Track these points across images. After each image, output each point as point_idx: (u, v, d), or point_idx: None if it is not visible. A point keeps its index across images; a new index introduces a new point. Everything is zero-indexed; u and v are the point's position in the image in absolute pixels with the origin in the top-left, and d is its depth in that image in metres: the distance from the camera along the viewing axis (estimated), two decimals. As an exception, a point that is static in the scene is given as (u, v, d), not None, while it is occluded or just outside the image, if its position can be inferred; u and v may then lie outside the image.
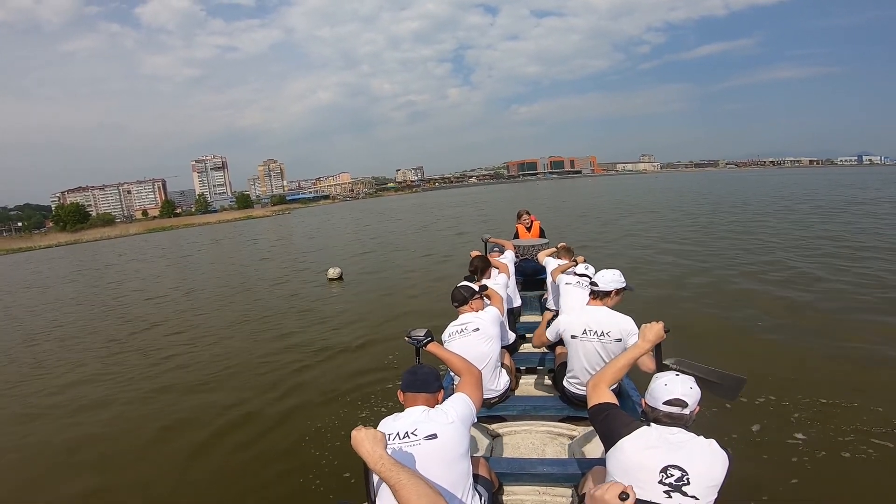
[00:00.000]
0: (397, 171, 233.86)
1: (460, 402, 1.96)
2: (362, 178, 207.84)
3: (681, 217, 21.01)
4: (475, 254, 4.47)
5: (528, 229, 6.76)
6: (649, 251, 12.75)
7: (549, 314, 3.51)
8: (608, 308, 3.02)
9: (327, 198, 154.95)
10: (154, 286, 15.88)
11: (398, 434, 1.79)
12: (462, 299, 3.26)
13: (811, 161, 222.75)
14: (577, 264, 4.26)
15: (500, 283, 4.03)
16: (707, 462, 1.60)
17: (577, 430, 3.14)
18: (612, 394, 1.96)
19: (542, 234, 6.79)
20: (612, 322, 2.92)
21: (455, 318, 3.25)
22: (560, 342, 3.83)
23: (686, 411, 1.72)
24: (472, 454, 1.99)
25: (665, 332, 2.16)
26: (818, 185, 41.05)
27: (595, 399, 1.93)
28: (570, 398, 3.17)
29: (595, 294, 3.09)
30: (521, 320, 5.01)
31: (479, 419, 3.26)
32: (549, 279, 4.57)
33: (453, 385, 3.19)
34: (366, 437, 1.50)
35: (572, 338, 3.02)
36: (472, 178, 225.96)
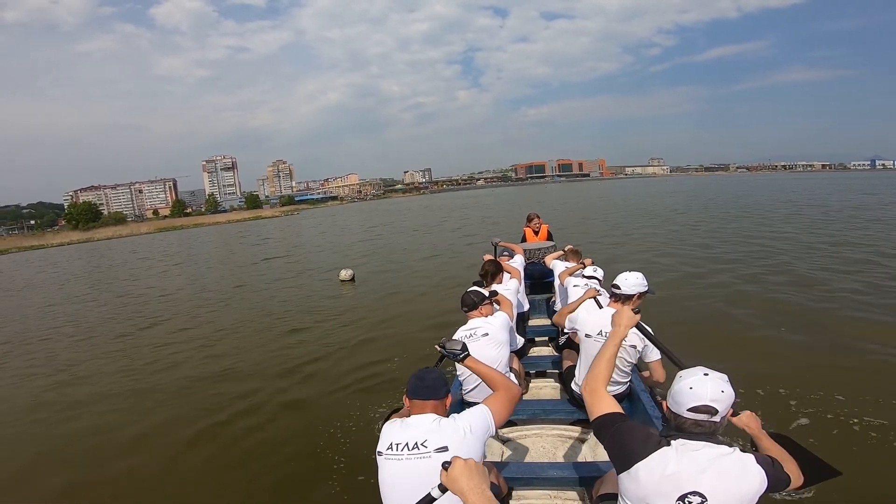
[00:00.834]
0: (405, 172, 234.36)
1: (479, 415, 1.85)
2: (370, 179, 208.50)
3: (695, 220, 20.83)
4: (487, 258, 4.47)
5: (535, 233, 6.78)
6: (649, 254, 12.79)
7: (578, 302, 3.45)
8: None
9: (335, 199, 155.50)
10: (169, 283, 16.07)
11: (407, 445, 1.73)
12: (472, 304, 3.26)
13: (823, 165, 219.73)
14: (585, 267, 4.27)
15: (511, 289, 4.03)
16: (735, 484, 1.43)
17: (588, 433, 3.11)
18: (614, 400, 1.76)
19: (549, 237, 6.80)
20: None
21: (464, 323, 3.24)
22: (567, 345, 3.85)
23: (716, 418, 1.49)
24: (482, 461, 1.91)
25: (635, 313, 2.09)
26: (829, 190, 40.44)
27: (598, 408, 1.70)
28: (579, 401, 3.15)
29: (617, 297, 3.02)
30: (530, 324, 5.00)
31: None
32: (557, 282, 4.58)
33: (460, 390, 3.21)
34: (477, 469, 1.20)
35: (586, 336, 2.97)
36: (479, 180, 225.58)
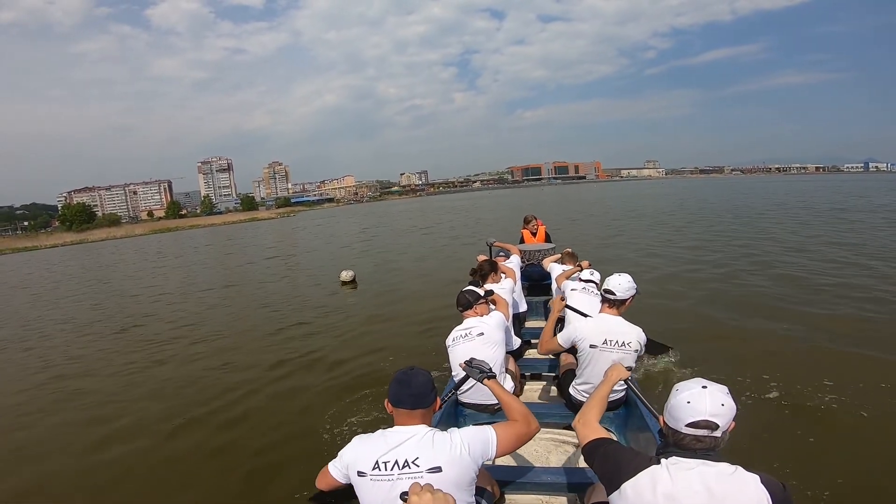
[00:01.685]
0: (401, 174, 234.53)
1: (481, 438, 1.73)
2: (366, 181, 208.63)
3: (685, 222, 20.93)
4: (482, 258, 4.43)
5: (533, 234, 6.76)
6: (639, 254, 12.88)
7: (551, 321, 3.44)
8: (622, 317, 2.97)
9: (331, 201, 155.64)
10: (169, 283, 15.85)
11: (397, 463, 1.60)
12: (467, 303, 3.21)
13: (817, 168, 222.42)
14: (582, 269, 4.24)
15: (507, 288, 3.98)
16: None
17: None
18: (602, 429, 1.74)
19: (547, 238, 6.78)
20: (631, 332, 2.88)
21: (460, 323, 3.20)
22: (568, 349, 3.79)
23: (717, 433, 1.39)
24: (473, 483, 1.79)
25: (627, 369, 2.28)
26: (821, 192, 40.76)
27: (587, 436, 1.69)
28: (575, 406, 3.10)
29: (612, 303, 2.98)
30: (527, 325, 4.94)
31: (481, 424, 3.19)
32: (554, 285, 4.54)
33: (454, 390, 3.13)
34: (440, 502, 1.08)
35: (591, 347, 2.93)
36: (475, 182, 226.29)
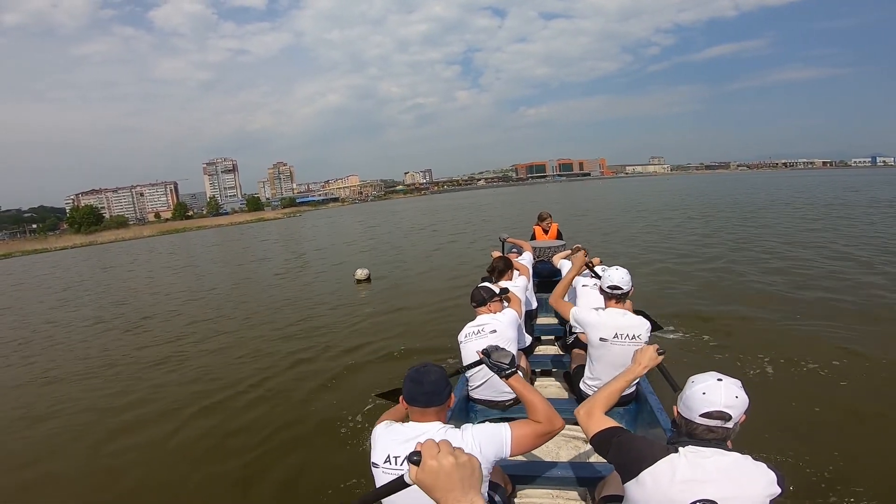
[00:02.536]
0: (405, 173, 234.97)
1: (495, 437, 1.67)
2: (371, 180, 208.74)
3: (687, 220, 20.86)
4: (496, 255, 4.42)
5: (545, 231, 6.75)
6: (635, 249, 13.12)
7: (570, 277, 3.43)
8: (629, 310, 3.01)
9: (336, 200, 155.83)
10: (192, 282, 15.97)
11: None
12: (481, 300, 3.22)
13: (824, 163, 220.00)
14: (593, 266, 4.26)
15: (520, 286, 4.00)
16: (747, 492, 1.39)
17: None
18: (609, 418, 1.72)
19: (559, 236, 6.77)
20: (639, 325, 2.90)
21: (472, 319, 3.21)
22: (575, 344, 3.84)
23: (729, 424, 1.44)
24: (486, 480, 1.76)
25: (659, 354, 1.99)
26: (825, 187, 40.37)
27: (593, 427, 1.68)
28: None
29: (619, 297, 3.01)
30: (537, 322, 4.98)
31: (492, 420, 3.23)
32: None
33: (466, 386, 3.16)
34: (461, 468, 0.85)
35: (601, 340, 2.93)
36: (480, 180, 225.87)
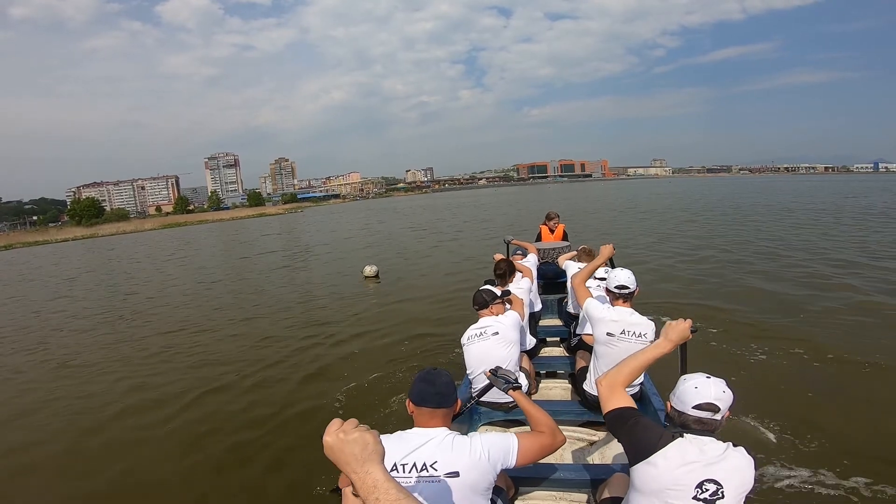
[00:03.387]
0: (407, 171, 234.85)
1: (502, 445, 1.69)
2: (372, 177, 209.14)
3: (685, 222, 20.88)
4: (499, 257, 4.40)
5: (551, 232, 6.70)
6: (631, 248, 13.30)
7: (597, 263, 3.44)
8: (634, 310, 3.01)
9: (337, 197, 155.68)
10: (196, 275, 16.11)
11: (415, 465, 1.55)
12: (483, 303, 3.22)
13: (826, 168, 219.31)
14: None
15: (524, 288, 3.98)
16: (741, 473, 1.56)
17: (597, 435, 3.08)
18: (629, 397, 1.79)
19: (565, 237, 6.72)
20: (646, 324, 2.91)
21: (475, 321, 3.21)
22: (580, 346, 3.81)
23: (717, 416, 1.63)
24: (490, 486, 1.77)
25: (692, 332, 1.95)
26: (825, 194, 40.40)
27: (612, 403, 1.75)
28: (590, 403, 3.13)
29: (626, 297, 3.03)
30: (541, 324, 4.96)
31: (496, 423, 3.20)
32: (570, 283, 4.53)
33: (470, 388, 3.13)
34: (351, 444, 0.90)
35: (608, 335, 2.93)
36: (481, 179, 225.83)
